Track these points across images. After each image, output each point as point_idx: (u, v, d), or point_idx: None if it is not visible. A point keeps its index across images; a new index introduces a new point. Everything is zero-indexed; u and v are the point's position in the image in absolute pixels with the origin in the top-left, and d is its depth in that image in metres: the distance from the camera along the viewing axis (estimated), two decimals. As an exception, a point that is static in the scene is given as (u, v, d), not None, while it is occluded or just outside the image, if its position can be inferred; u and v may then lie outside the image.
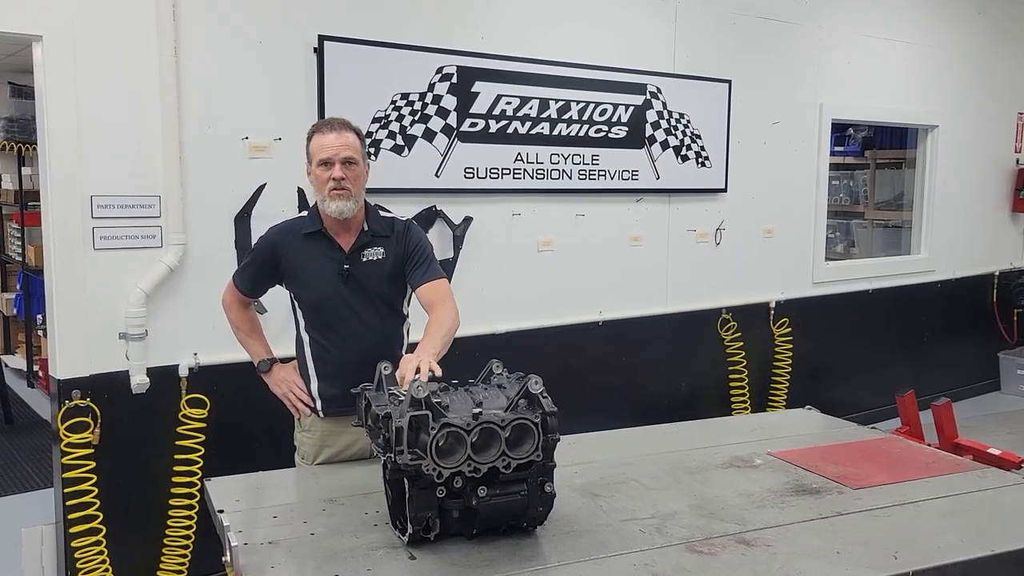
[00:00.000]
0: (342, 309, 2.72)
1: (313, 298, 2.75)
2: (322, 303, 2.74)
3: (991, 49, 6.81)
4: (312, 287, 2.74)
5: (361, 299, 2.73)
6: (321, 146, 2.66)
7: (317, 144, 2.68)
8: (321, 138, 2.67)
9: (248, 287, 2.87)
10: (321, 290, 2.73)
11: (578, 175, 4.60)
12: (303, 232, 2.75)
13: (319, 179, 2.67)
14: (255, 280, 2.86)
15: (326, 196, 2.65)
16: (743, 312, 5.39)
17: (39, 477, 5.16)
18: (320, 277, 2.72)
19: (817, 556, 2.08)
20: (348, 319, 2.73)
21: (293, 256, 2.74)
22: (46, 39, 3.20)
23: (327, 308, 2.74)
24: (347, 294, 2.72)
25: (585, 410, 4.58)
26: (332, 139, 2.65)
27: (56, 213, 3.28)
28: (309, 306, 2.78)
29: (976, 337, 7.10)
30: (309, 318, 2.79)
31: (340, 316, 2.73)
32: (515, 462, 2.02)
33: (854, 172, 8.01)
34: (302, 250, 2.74)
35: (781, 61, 5.47)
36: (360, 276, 2.72)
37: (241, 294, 2.90)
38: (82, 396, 3.35)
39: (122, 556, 3.48)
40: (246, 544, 2.07)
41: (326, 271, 2.72)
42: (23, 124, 6.76)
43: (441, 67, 4.08)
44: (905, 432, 4.21)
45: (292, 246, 2.75)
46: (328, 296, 2.72)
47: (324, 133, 2.67)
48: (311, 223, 2.76)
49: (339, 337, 2.75)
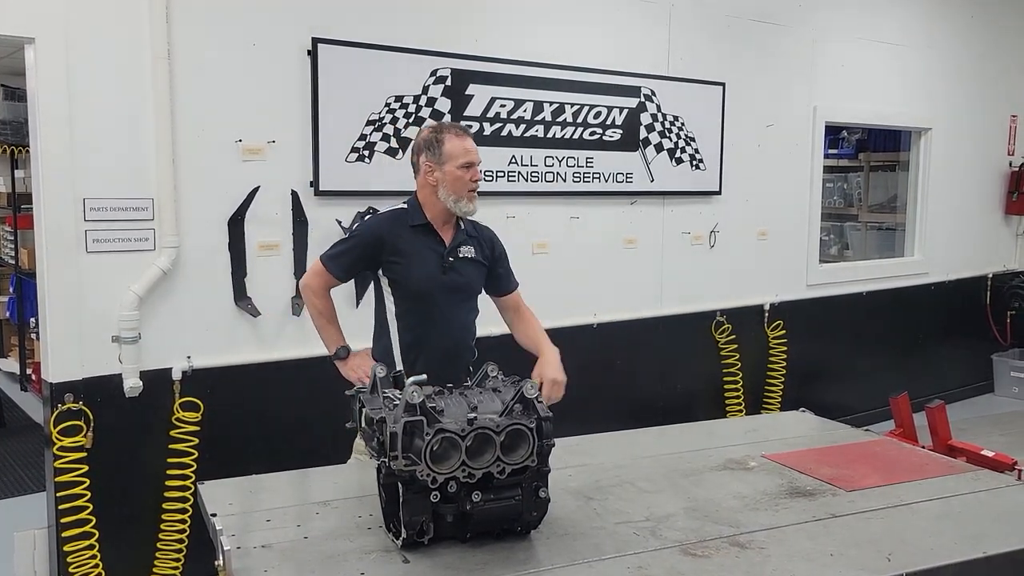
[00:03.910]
0: (440, 299, 2.89)
1: (416, 286, 2.88)
2: (423, 291, 2.88)
3: (984, 52, 6.84)
4: (416, 275, 2.88)
5: (455, 291, 2.92)
6: (465, 149, 2.84)
7: (459, 147, 2.84)
8: (461, 142, 2.85)
9: (343, 271, 2.95)
10: (424, 279, 2.87)
11: (572, 178, 4.60)
12: (410, 224, 2.89)
13: (458, 179, 2.83)
14: (353, 265, 2.95)
15: (463, 195, 2.84)
16: (737, 314, 5.40)
17: (32, 481, 5.14)
18: (424, 267, 2.88)
19: (811, 558, 2.08)
20: (443, 309, 2.90)
21: (401, 244, 2.87)
22: (39, 41, 3.20)
23: (427, 297, 2.88)
24: (446, 285, 2.89)
25: (579, 412, 4.57)
26: (470, 144, 2.87)
27: (49, 216, 3.27)
28: (410, 293, 2.89)
29: (970, 339, 7.12)
30: (406, 305, 2.90)
31: (437, 306, 2.89)
32: (510, 467, 2.01)
33: (848, 175, 8.03)
34: (409, 239, 2.88)
35: (775, 64, 5.49)
36: (459, 270, 2.92)
37: (332, 278, 2.96)
38: (75, 400, 3.34)
39: (115, 560, 3.47)
40: (239, 548, 2.06)
41: (430, 262, 2.88)
42: (16, 127, 6.73)
43: (435, 69, 4.08)
44: (899, 434, 4.22)
45: (399, 235, 2.88)
46: (430, 285, 2.87)
47: (463, 137, 2.87)
48: (416, 215, 2.90)
49: (432, 325, 2.89)
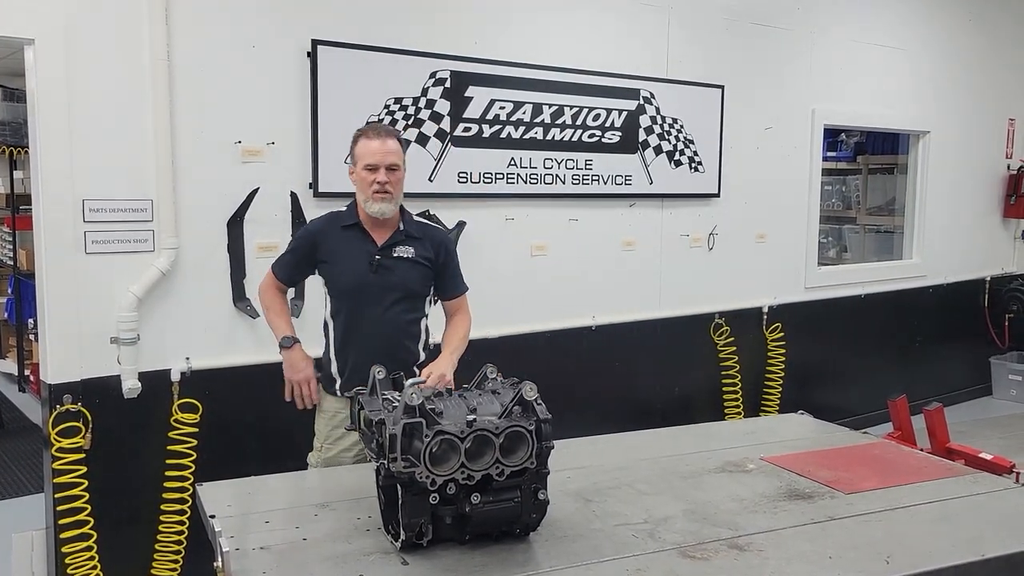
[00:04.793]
0: (369, 296, 2.93)
1: (344, 283, 2.96)
2: (351, 289, 2.95)
3: (982, 55, 6.84)
4: (344, 273, 2.95)
5: (387, 290, 2.93)
6: (369, 150, 2.87)
7: (365, 148, 2.88)
8: (368, 143, 2.88)
9: (286, 275, 3.10)
10: (352, 276, 2.94)
11: (572, 180, 4.60)
12: (342, 224, 2.98)
13: (363, 180, 2.88)
14: (294, 268, 3.09)
15: (369, 197, 2.88)
16: (736, 317, 5.40)
17: (30, 482, 5.13)
18: (352, 265, 2.94)
19: (809, 561, 2.09)
20: (373, 306, 2.93)
21: (331, 244, 2.97)
22: (38, 43, 3.20)
23: (355, 294, 2.94)
24: (376, 283, 2.92)
25: (578, 414, 4.59)
26: (378, 145, 2.86)
27: (48, 217, 3.27)
28: (339, 291, 2.98)
29: (968, 342, 7.12)
30: (337, 303, 2.99)
31: (366, 303, 2.93)
32: (509, 469, 2.02)
33: (846, 177, 8.03)
34: (339, 239, 2.97)
35: (773, 67, 5.49)
36: (391, 269, 2.94)
37: (279, 282, 3.12)
38: (73, 401, 3.34)
39: (113, 562, 3.46)
40: (238, 549, 2.06)
41: (359, 261, 2.93)
42: (15, 128, 6.72)
43: (435, 71, 4.08)
44: (897, 437, 4.22)
45: (330, 235, 2.98)
46: (358, 282, 2.93)
47: (371, 138, 2.88)
48: (349, 217, 2.99)
49: (361, 324, 2.94)
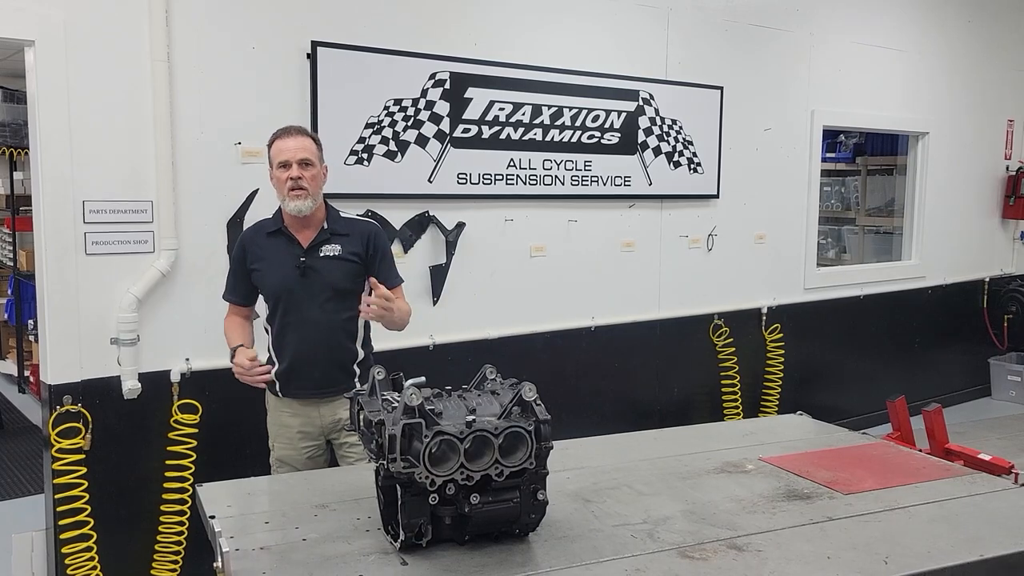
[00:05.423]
0: (298, 298, 2.94)
1: (272, 288, 2.99)
2: (280, 293, 2.96)
3: (981, 57, 6.85)
4: (271, 278, 2.98)
5: (317, 290, 2.94)
6: (280, 149, 2.91)
7: (276, 148, 2.93)
8: (280, 143, 2.93)
9: (236, 295, 3.09)
10: (279, 281, 2.96)
11: (571, 181, 4.61)
12: (266, 231, 3.01)
13: (279, 180, 2.91)
14: (237, 284, 3.08)
15: (285, 195, 2.90)
16: (735, 318, 5.40)
17: (30, 483, 5.14)
18: (279, 269, 2.96)
19: (808, 561, 2.09)
20: (304, 308, 2.95)
21: (257, 252, 3.00)
22: (38, 44, 3.20)
23: (284, 297, 2.96)
24: (304, 285, 2.94)
25: (577, 415, 4.60)
26: (290, 143, 2.90)
27: (48, 218, 3.28)
28: (269, 296, 3.01)
29: (967, 343, 7.13)
30: (270, 308, 3.02)
31: (297, 305, 2.95)
32: (508, 470, 2.02)
33: (845, 178, 8.04)
34: (264, 247, 3.00)
35: (773, 68, 5.50)
36: (318, 269, 2.94)
37: (237, 307, 3.09)
38: (73, 401, 3.35)
39: (113, 562, 3.46)
40: (238, 550, 2.06)
41: (285, 265, 2.95)
42: (15, 129, 6.74)
43: (434, 73, 4.09)
44: (896, 437, 4.22)
45: (257, 243, 3.01)
46: (286, 286, 2.95)
47: (283, 139, 2.93)
48: (273, 223, 3.02)
49: (296, 324, 2.96)
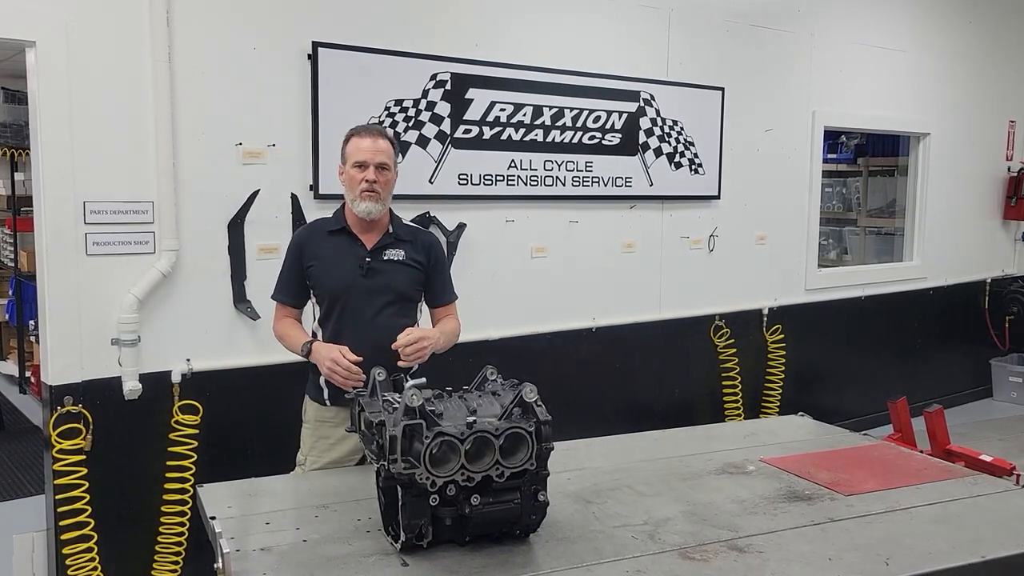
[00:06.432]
0: (359, 300, 2.82)
1: (330, 287, 2.84)
2: (339, 292, 2.82)
3: (982, 58, 6.85)
4: (331, 277, 2.84)
5: (378, 293, 2.83)
6: (358, 149, 2.80)
7: (354, 147, 2.82)
8: (359, 141, 2.82)
9: (289, 296, 2.93)
10: (340, 280, 2.83)
11: (572, 182, 4.61)
12: (328, 230, 2.89)
13: (352, 179, 2.81)
14: (289, 284, 2.92)
15: (357, 196, 2.79)
16: (736, 319, 5.40)
17: (31, 484, 5.13)
18: (340, 269, 2.83)
19: (809, 562, 2.09)
20: (364, 310, 2.82)
21: (316, 250, 2.87)
22: (39, 44, 3.20)
23: (344, 298, 2.82)
24: (366, 286, 2.82)
25: (578, 416, 4.59)
26: (368, 143, 2.80)
27: (49, 218, 3.28)
28: (327, 294, 2.85)
29: (968, 344, 7.13)
30: (325, 309, 2.86)
31: (356, 307, 2.82)
32: (509, 471, 2.02)
33: (846, 179, 8.04)
34: (325, 245, 2.87)
35: (774, 69, 5.49)
36: (381, 272, 2.84)
37: (287, 308, 2.94)
38: (74, 402, 3.34)
39: (114, 563, 3.46)
40: (238, 551, 2.06)
41: (347, 264, 2.83)
42: (16, 129, 6.74)
43: (435, 74, 4.08)
44: (897, 439, 4.22)
45: (316, 241, 2.89)
46: (346, 285, 2.82)
47: (362, 137, 2.82)
48: (336, 222, 2.91)
49: (348, 328, 2.81)
